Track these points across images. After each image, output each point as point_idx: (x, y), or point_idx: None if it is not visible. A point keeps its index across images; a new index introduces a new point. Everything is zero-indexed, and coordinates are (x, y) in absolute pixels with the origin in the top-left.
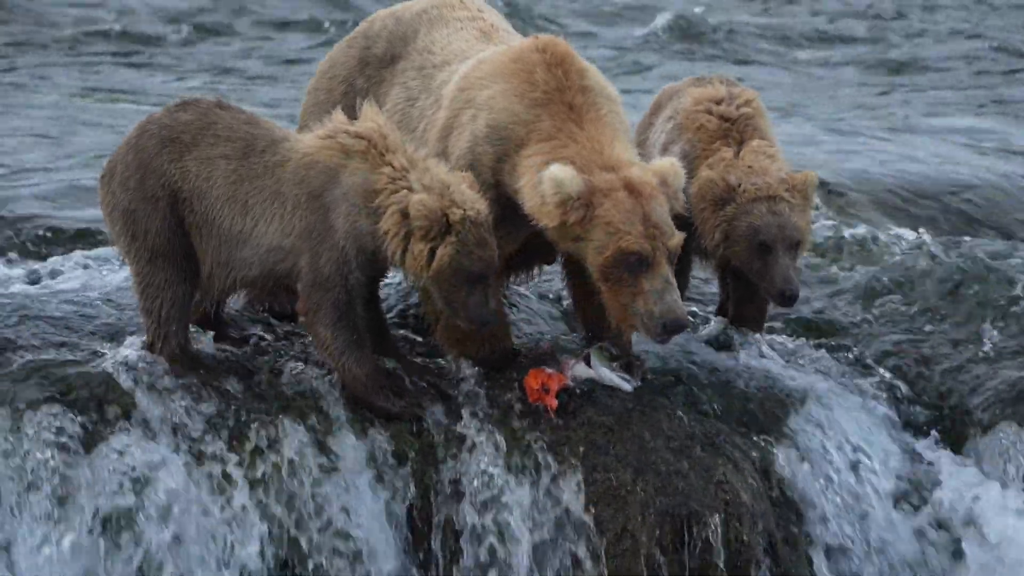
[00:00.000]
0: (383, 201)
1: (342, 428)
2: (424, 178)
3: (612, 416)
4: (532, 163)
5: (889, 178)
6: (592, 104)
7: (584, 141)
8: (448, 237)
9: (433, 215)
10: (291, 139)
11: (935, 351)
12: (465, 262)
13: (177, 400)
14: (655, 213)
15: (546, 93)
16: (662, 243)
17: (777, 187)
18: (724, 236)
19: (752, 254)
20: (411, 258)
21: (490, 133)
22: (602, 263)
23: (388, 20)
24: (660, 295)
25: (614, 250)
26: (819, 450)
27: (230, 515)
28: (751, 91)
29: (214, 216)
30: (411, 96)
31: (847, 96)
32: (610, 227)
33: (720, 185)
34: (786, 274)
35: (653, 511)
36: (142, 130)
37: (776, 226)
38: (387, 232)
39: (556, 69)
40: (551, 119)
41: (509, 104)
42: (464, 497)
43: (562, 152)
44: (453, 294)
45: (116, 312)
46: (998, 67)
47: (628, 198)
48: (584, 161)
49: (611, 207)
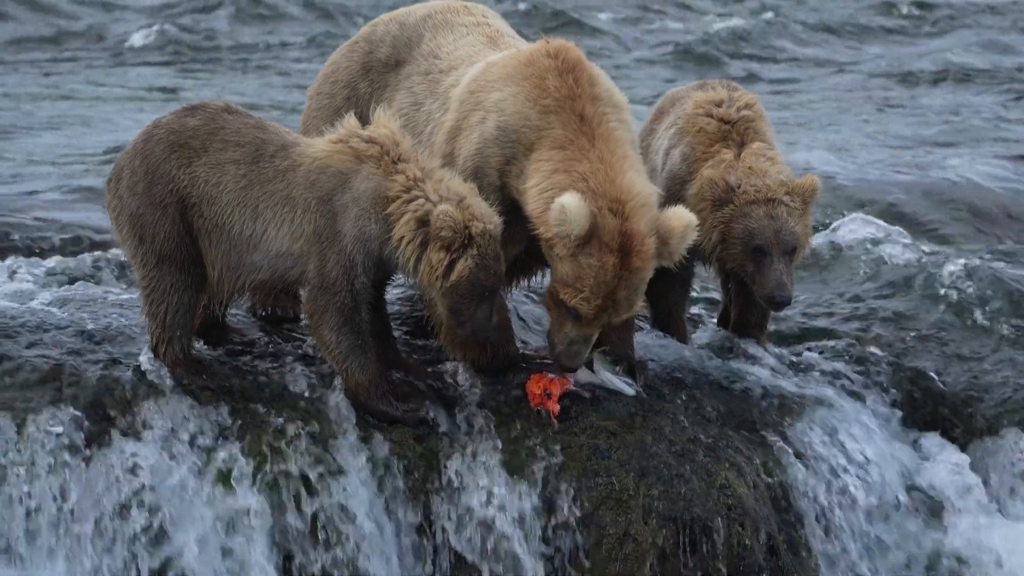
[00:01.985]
0: (397, 208)
1: (345, 432)
2: (440, 188)
3: (614, 420)
4: (541, 168)
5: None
6: (603, 115)
7: (596, 161)
8: (469, 250)
9: (458, 226)
10: (301, 144)
11: (938, 356)
12: (482, 275)
13: (180, 404)
14: (624, 290)
15: (557, 100)
16: (608, 317)
17: (776, 190)
18: (721, 237)
19: (746, 257)
20: (427, 267)
21: (500, 135)
22: (556, 292)
23: (392, 25)
24: (570, 344)
25: (567, 296)
26: (821, 455)
27: (234, 519)
28: (751, 95)
29: (224, 221)
30: (417, 100)
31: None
32: (579, 281)
33: (719, 185)
34: (779, 279)
35: (655, 516)
36: (149, 135)
37: (772, 230)
38: (401, 239)
39: (567, 76)
40: (562, 128)
41: (520, 108)
42: (465, 501)
43: (575, 167)
44: (463, 306)
45: (120, 316)
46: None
47: (613, 268)
48: (596, 187)
49: (593, 265)
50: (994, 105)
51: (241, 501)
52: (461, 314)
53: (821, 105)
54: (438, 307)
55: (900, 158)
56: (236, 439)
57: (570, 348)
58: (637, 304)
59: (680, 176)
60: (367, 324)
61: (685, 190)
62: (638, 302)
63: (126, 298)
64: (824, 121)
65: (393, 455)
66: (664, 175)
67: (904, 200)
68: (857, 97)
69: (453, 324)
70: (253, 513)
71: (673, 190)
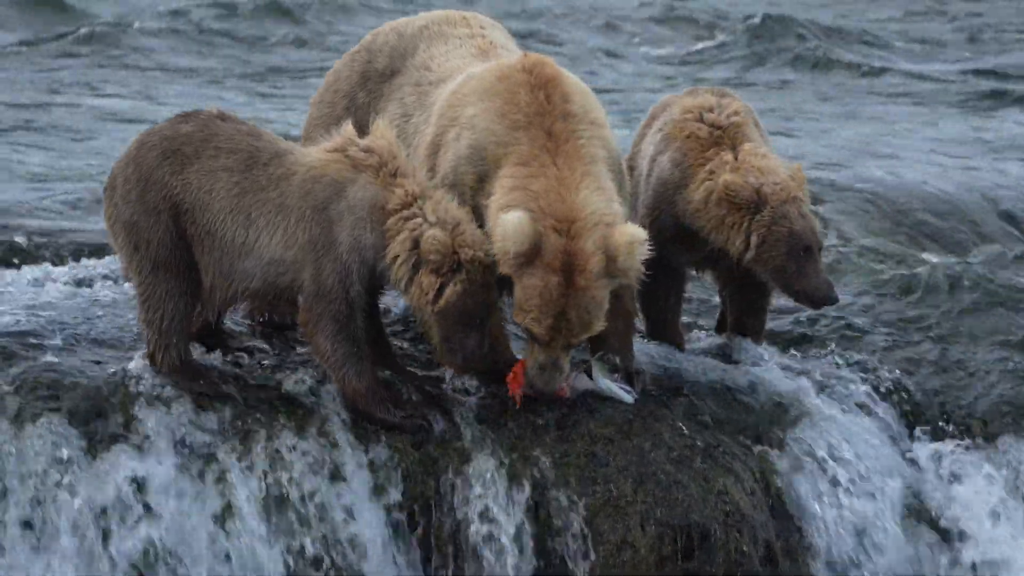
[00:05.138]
0: (394, 224)
1: (342, 439)
2: (439, 210)
3: (612, 427)
4: (503, 184)
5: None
6: (572, 132)
7: (552, 179)
8: (458, 275)
9: (445, 250)
10: (295, 152)
11: (937, 361)
12: (470, 302)
13: (177, 411)
14: (574, 310)
15: (527, 116)
16: (565, 338)
17: (794, 186)
18: (761, 241)
19: (790, 259)
20: (418, 289)
21: (471, 154)
22: (514, 314)
23: (391, 35)
24: (540, 369)
25: (519, 318)
26: (819, 460)
27: (231, 526)
28: (741, 102)
29: (216, 228)
30: (406, 112)
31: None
32: (526, 302)
33: (747, 189)
34: (827, 279)
35: (653, 522)
36: (142, 142)
37: (810, 230)
38: (396, 257)
39: (539, 92)
40: (529, 144)
41: (490, 124)
42: (463, 507)
43: (530, 185)
44: (452, 332)
45: (118, 323)
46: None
47: (557, 287)
48: (545, 206)
49: (537, 285)
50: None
51: (239, 506)
52: (451, 341)
53: (817, 108)
54: (431, 333)
55: (899, 160)
56: (233, 445)
57: (541, 374)
58: (596, 324)
59: (673, 182)
60: (362, 331)
61: (680, 195)
62: (596, 322)
63: (121, 305)
64: (823, 123)
65: (391, 461)
66: (652, 181)
67: (903, 202)
68: (854, 100)
69: (444, 351)
70: (250, 519)
71: (664, 196)
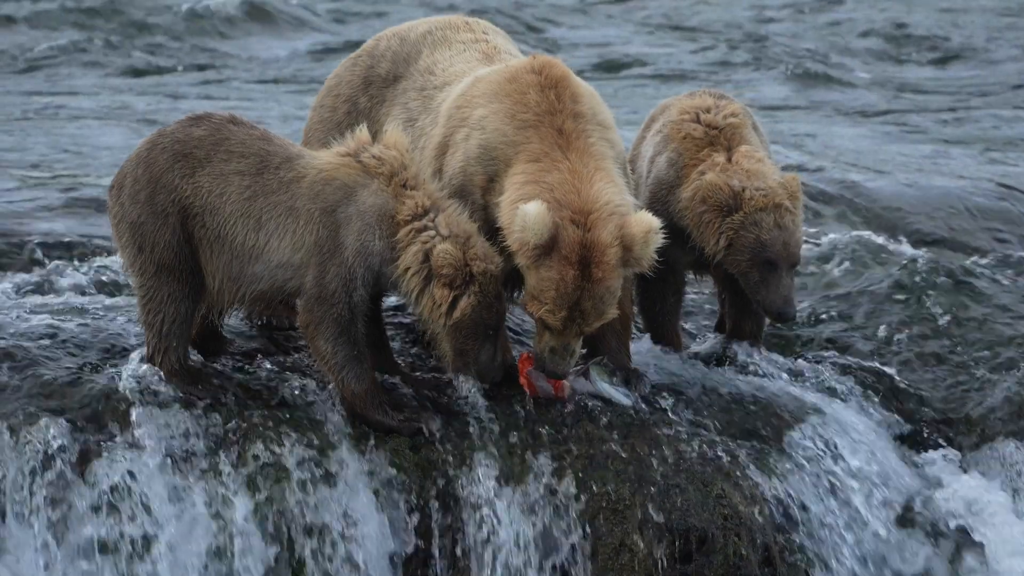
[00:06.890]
0: (405, 236)
1: (341, 442)
2: (451, 223)
3: (611, 430)
4: (515, 180)
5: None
6: (581, 131)
7: (566, 172)
8: (471, 287)
9: (458, 264)
10: (306, 156)
11: (936, 364)
12: (484, 314)
13: (176, 414)
14: (589, 300)
15: (537, 115)
16: (579, 327)
17: (781, 193)
18: (728, 243)
19: (753, 267)
20: (430, 302)
21: (481, 154)
22: (525, 304)
23: (393, 40)
24: (554, 353)
25: (533, 309)
26: (818, 464)
27: (230, 530)
28: (739, 104)
29: (227, 231)
30: (411, 116)
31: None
32: (542, 294)
33: (725, 191)
34: (787, 294)
35: (652, 525)
36: (153, 144)
37: (782, 242)
38: (407, 269)
39: (549, 92)
40: (540, 141)
41: (500, 125)
42: (462, 510)
43: (544, 178)
44: (466, 344)
45: (117, 325)
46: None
47: (573, 280)
48: (561, 197)
49: (554, 278)
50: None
51: (237, 511)
52: (466, 355)
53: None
54: (443, 345)
55: (897, 162)
56: (232, 449)
57: (552, 357)
58: (609, 312)
59: (667, 181)
60: (362, 335)
61: (673, 195)
62: (609, 310)
63: (123, 307)
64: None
65: (390, 465)
66: (650, 181)
67: (901, 205)
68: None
69: (459, 365)
70: (249, 522)
71: (660, 195)
